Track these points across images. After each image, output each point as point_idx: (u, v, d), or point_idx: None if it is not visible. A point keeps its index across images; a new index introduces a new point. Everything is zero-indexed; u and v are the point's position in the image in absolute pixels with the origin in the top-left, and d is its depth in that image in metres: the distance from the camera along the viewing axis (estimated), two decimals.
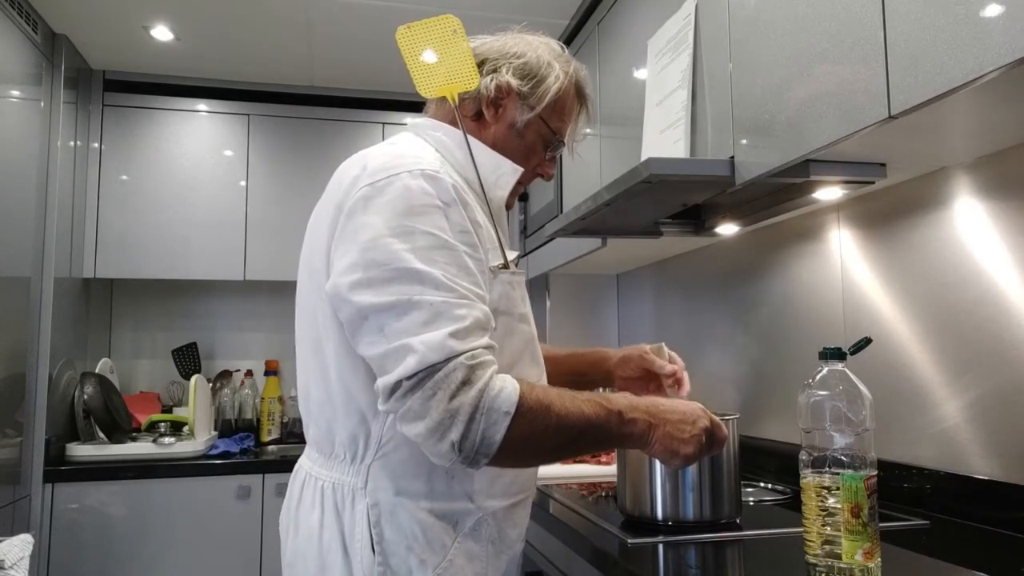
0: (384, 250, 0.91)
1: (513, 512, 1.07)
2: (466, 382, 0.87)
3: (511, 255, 1.05)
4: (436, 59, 1.06)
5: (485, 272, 0.98)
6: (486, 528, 1.02)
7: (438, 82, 1.07)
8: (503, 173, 1.09)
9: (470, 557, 1.00)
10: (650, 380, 1.28)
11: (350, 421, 1.00)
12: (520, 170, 1.10)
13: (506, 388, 0.89)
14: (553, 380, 1.23)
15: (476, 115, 1.12)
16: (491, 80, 1.09)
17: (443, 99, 1.12)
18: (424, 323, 0.88)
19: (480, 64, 1.10)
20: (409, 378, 0.87)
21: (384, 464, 0.99)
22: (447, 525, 1.00)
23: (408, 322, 0.89)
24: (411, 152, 1.00)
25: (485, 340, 0.92)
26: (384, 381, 0.89)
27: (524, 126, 1.12)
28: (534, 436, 0.91)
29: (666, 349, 1.30)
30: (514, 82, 1.10)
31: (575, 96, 1.16)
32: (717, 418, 1.05)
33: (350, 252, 0.93)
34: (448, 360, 0.87)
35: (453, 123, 1.10)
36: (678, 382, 1.25)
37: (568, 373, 1.33)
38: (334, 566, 0.98)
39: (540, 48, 1.13)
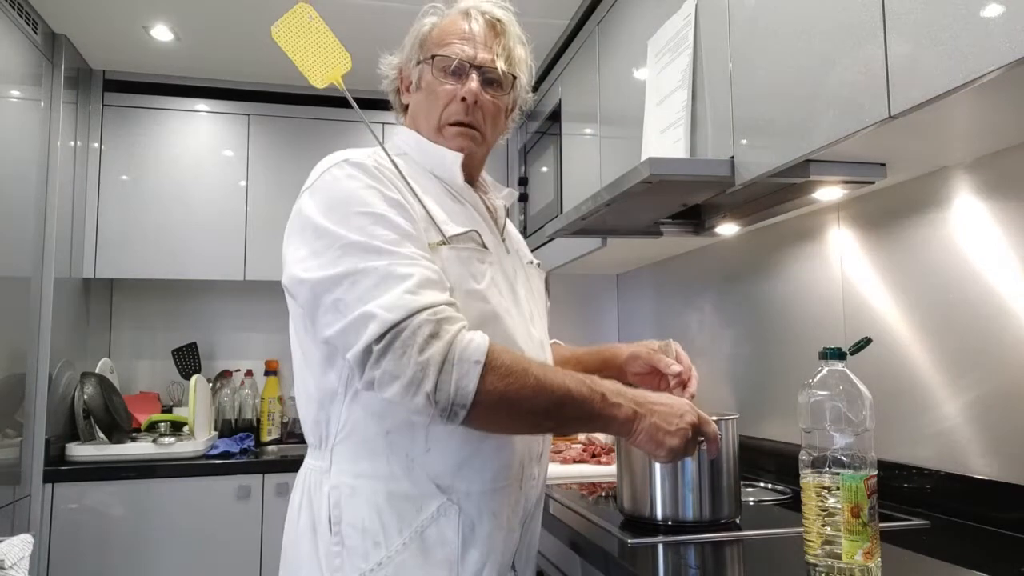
0: (326, 234, 0.96)
1: (489, 501, 1.03)
2: (434, 335, 0.89)
3: (457, 229, 1.06)
4: (311, 50, 1.09)
5: (426, 244, 1.01)
6: (453, 517, 1.01)
7: (320, 71, 1.09)
8: (447, 162, 1.13)
9: (431, 543, 0.99)
10: (660, 377, 1.26)
11: (312, 408, 1.05)
12: (459, 156, 1.12)
13: (475, 340, 0.91)
14: None
15: (406, 108, 1.21)
16: (392, 72, 1.20)
17: (400, 109, 1.22)
18: (374, 286, 0.91)
19: (401, 71, 1.19)
20: (377, 341, 0.89)
21: (344, 448, 1.03)
22: (407, 509, 1.00)
23: (359, 290, 0.92)
24: (348, 151, 1.05)
25: (444, 296, 0.95)
26: (353, 352, 0.90)
27: (419, 79, 1.16)
28: (510, 392, 0.91)
29: (674, 347, 1.27)
30: (402, 58, 1.18)
31: (437, 18, 1.17)
32: (704, 415, 1.04)
33: (299, 244, 1.00)
34: (410, 316, 0.89)
35: (409, 123, 1.19)
36: (682, 383, 1.23)
37: (584, 371, 1.31)
38: (305, 545, 1.03)
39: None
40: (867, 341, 1.04)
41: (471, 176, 1.19)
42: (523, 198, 2.88)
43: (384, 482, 1.00)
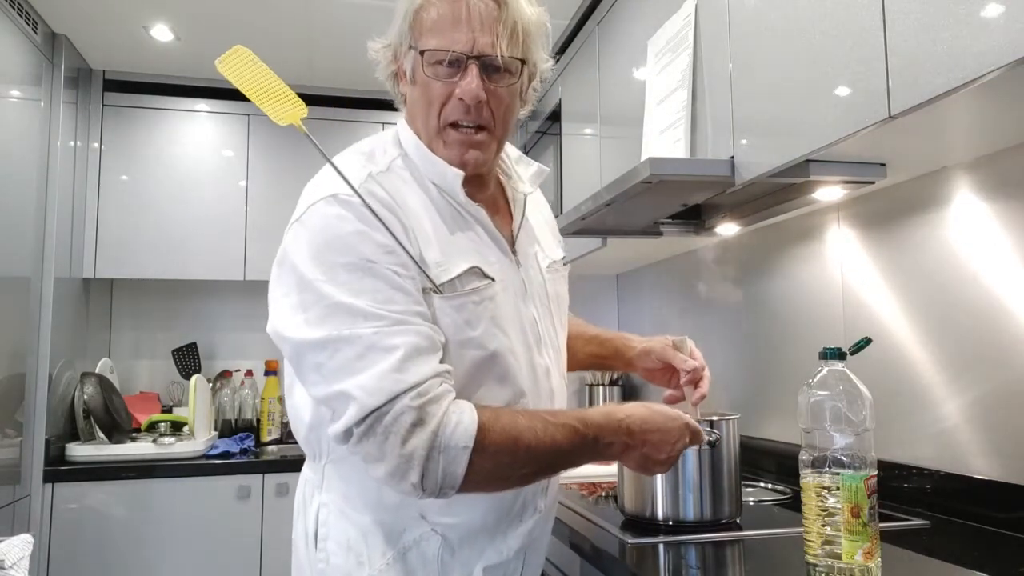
0: (311, 288, 0.90)
1: (475, 536, 1.01)
2: (417, 423, 0.85)
3: (453, 272, 0.95)
4: (261, 88, 1.00)
5: (420, 290, 0.93)
6: (434, 544, 0.99)
7: (278, 111, 1.01)
8: (448, 179, 1.00)
9: (413, 565, 0.98)
10: (672, 373, 1.23)
11: (302, 428, 1.03)
12: (460, 173, 0.99)
13: (463, 422, 0.86)
14: (575, 359, 1.21)
15: (405, 99, 1.07)
16: (387, 65, 1.05)
17: (400, 99, 1.08)
18: (357, 358, 0.86)
19: (395, 56, 1.05)
20: (358, 424, 0.85)
21: (336, 468, 1.01)
22: (389, 533, 0.98)
23: (341, 359, 0.87)
24: (336, 183, 0.95)
25: (433, 365, 0.88)
26: (334, 430, 0.88)
27: (412, 71, 1.01)
28: (500, 468, 0.89)
29: (690, 344, 1.25)
30: (392, 49, 1.04)
31: (421, 2, 1.01)
32: (700, 429, 1.02)
33: (287, 293, 0.94)
34: (392, 401, 0.84)
35: (409, 123, 1.07)
36: (694, 382, 1.20)
37: (591, 356, 1.31)
38: (300, 552, 1.04)
39: None
40: (867, 341, 1.04)
41: (481, 177, 1.06)
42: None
43: (372, 508, 0.99)
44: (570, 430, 0.93)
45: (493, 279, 1.00)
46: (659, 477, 1.28)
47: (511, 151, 1.16)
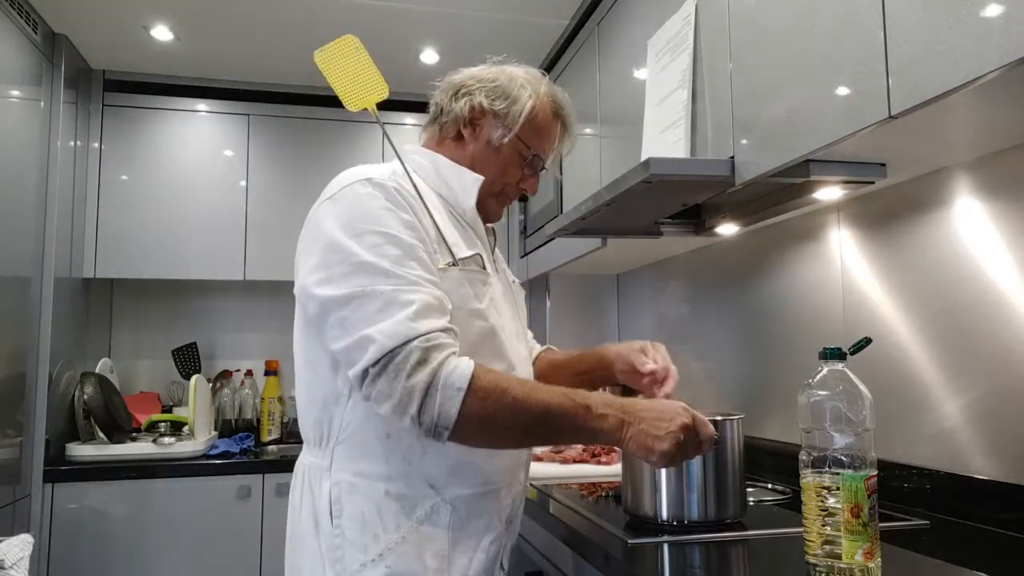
0: (339, 249, 1.02)
1: (478, 503, 1.11)
2: (421, 362, 0.96)
3: (466, 252, 1.13)
4: (351, 76, 1.17)
5: (435, 264, 1.07)
6: (445, 514, 1.08)
7: (358, 96, 1.17)
8: (466, 184, 1.19)
9: (425, 539, 1.06)
10: (641, 375, 1.29)
11: (315, 409, 1.11)
12: (480, 179, 1.18)
13: (460, 367, 0.98)
14: (560, 383, 1.25)
15: (456, 136, 1.23)
16: (465, 103, 1.20)
17: (428, 128, 1.26)
18: (378, 310, 0.98)
19: (457, 91, 1.22)
20: (374, 365, 0.96)
21: (345, 447, 1.08)
22: (403, 507, 1.06)
23: (364, 312, 0.98)
24: (371, 168, 1.10)
25: (442, 323, 1.01)
26: (353, 372, 0.99)
27: (500, 144, 1.20)
28: (490, 414, 0.98)
29: (653, 347, 1.29)
30: (486, 103, 1.20)
31: (551, 115, 1.24)
32: (701, 416, 1.05)
33: (313, 255, 1.05)
34: (404, 344, 0.96)
35: (434, 146, 1.24)
36: (657, 382, 1.25)
37: (575, 374, 1.37)
38: (307, 537, 1.09)
39: (515, 72, 1.23)
40: (867, 341, 1.04)
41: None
42: (523, 198, 2.87)
43: (382, 481, 1.07)
44: (561, 394, 1.02)
45: (488, 272, 1.16)
46: (663, 476, 1.28)
47: None
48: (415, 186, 1.11)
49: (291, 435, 3.04)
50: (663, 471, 1.28)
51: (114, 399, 2.69)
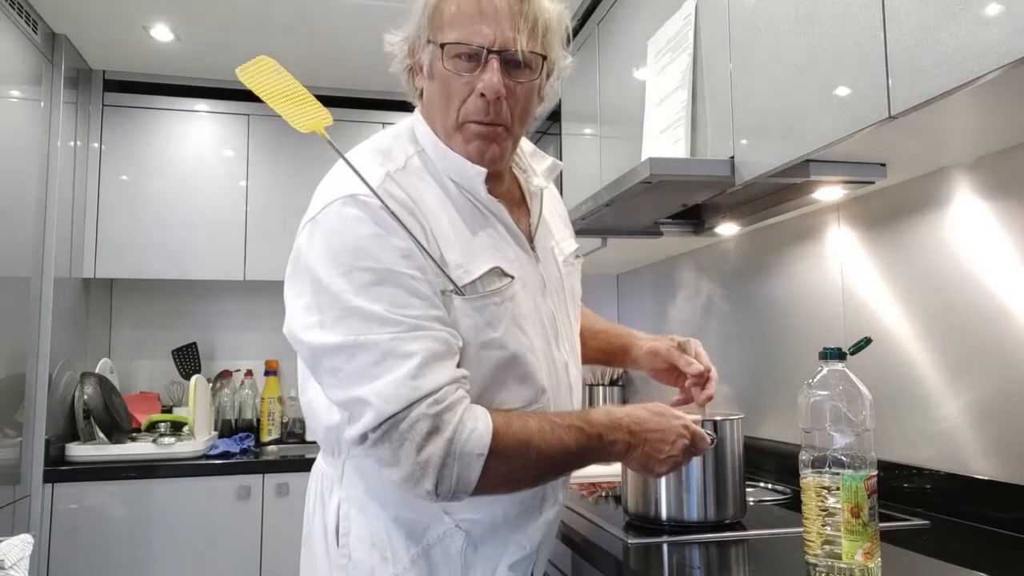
0: (326, 290, 0.89)
1: (495, 528, 1.03)
2: (433, 431, 0.85)
3: (475, 273, 0.95)
4: (284, 95, 0.95)
5: (438, 290, 0.92)
6: (458, 540, 1.00)
7: (301, 120, 0.96)
8: (470, 178, 0.99)
9: (435, 565, 0.99)
10: (679, 375, 1.24)
11: (323, 415, 1.02)
12: (483, 171, 0.98)
13: (478, 429, 0.87)
14: (582, 352, 1.21)
15: (420, 94, 1.05)
16: (400, 59, 1.03)
17: (415, 93, 1.06)
18: (374, 364, 0.86)
19: (412, 50, 1.03)
20: (374, 430, 0.86)
21: (356, 463, 1.01)
22: (413, 530, 0.99)
23: (357, 364, 0.87)
24: (354, 183, 0.92)
25: (449, 373, 0.89)
26: (350, 433, 0.89)
27: (431, 67, 0.98)
28: (512, 472, 0.91)
29: (694, 345, 1.24)
30: (404, 41, 1.02)
31: None
32: (699, 430, 1.03)
33: (301, 294, 0.92)
34: (408, 408, 0.85)
35: (423, 116, 1.04)
36: (700, 383, 1.20)
37: (597, 351, 1.33)
38: (318, 546, 1.03)
39: None
40: (867, 341, 1.04)
41: (498, 173, 1.04)
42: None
43: (394, 504, 0.99)
44: (576, 431, 0.94)
45: (513, 277, 0.99)
46: (664, 479, 1.28)
47: (525, 145, 1.15)
48: (409, 196, 0.94)
49: (291, 435, 3.04)
50: None
51: (114, 399, 2.69)
